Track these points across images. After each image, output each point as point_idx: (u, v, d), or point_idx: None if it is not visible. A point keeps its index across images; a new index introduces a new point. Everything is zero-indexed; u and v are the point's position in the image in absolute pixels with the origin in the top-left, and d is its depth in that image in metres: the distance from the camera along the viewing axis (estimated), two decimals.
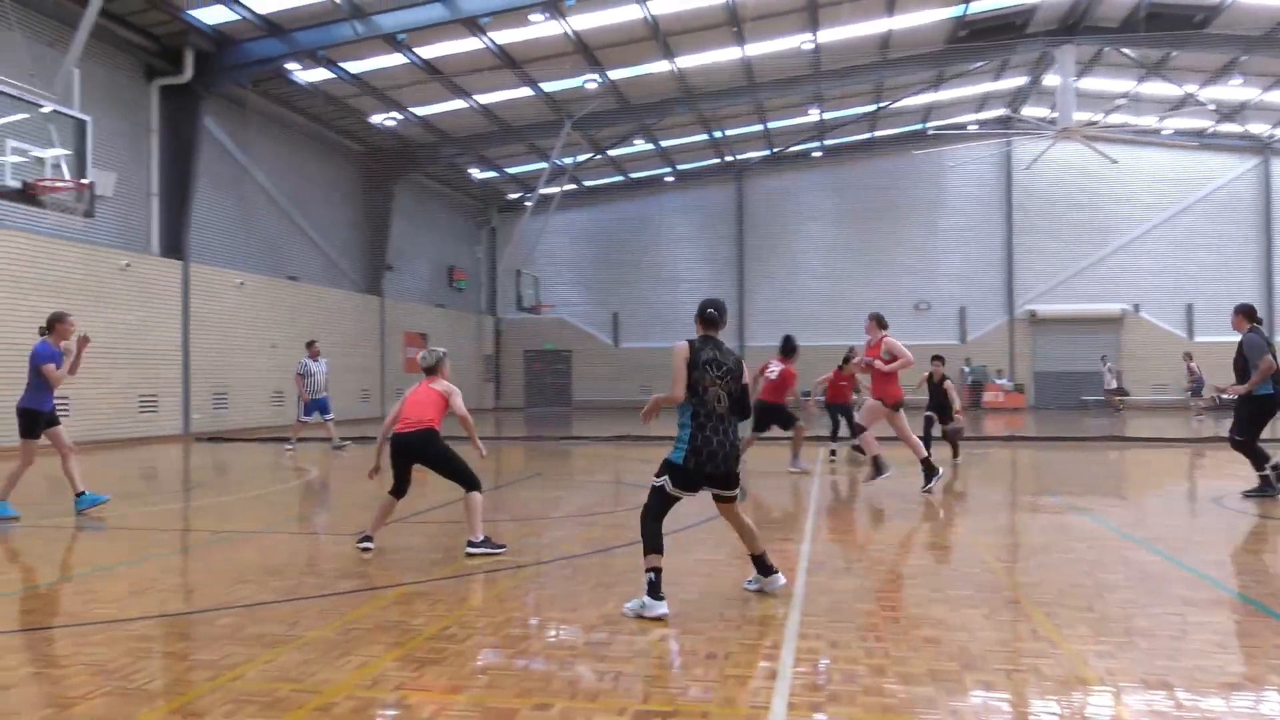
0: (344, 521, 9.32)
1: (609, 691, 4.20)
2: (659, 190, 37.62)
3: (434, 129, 28.54)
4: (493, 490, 11.61)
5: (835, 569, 6.84)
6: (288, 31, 20.62)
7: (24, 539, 8.53)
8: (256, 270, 24.53)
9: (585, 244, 38.03)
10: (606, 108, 27.40)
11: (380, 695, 4.17)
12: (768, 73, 26.26)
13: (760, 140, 33.94)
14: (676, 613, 5.52)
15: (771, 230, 36.60)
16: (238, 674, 4.44)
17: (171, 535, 8.85)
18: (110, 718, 3.89)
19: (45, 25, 17.24)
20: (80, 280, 18.57)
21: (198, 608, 5.88)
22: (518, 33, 21.82)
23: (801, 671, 4.47)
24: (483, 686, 4.29)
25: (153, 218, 21.16)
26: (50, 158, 12.55)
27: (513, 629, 5.26)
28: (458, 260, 36.87)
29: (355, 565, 7.02)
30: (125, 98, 20.31)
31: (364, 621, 5.40)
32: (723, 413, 5.52)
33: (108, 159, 18.61)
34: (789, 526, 8.77)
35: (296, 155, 26.58)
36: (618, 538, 8.15)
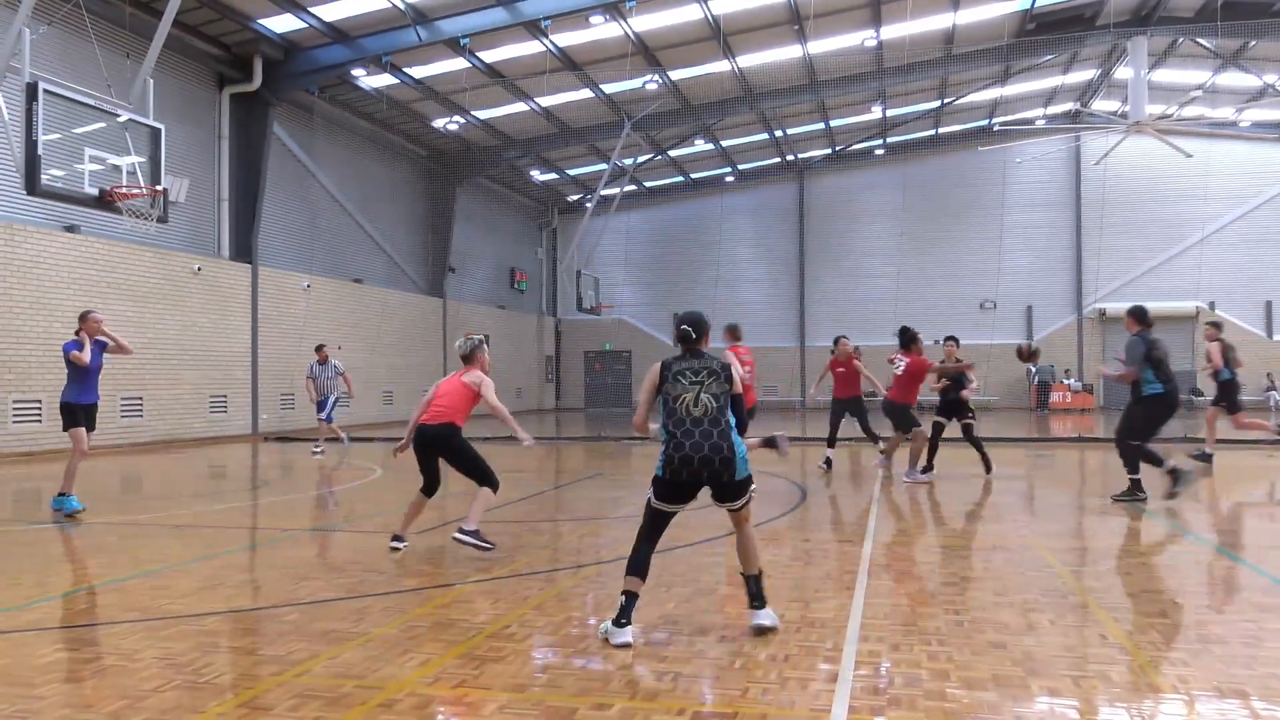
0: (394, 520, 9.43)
1: (668, 692, 4.19)
2: (719, 190, 37.50)
3: (496, 132, 28.81)
4: (553, 490, 11.69)
5: (897, 571, 6.75)
6: (353, 38, 20.98)
7: (96, 534, 8.78)
8: (322, 273, 25.00)
9: (645, 245, 38.07)
10: (667, 108, 27.39)
11: (441, 692, 4.21)
12: (830, 70, 26.04)
13: (822, 139, 33.65)
14: (738, 614, 5.49)
15: (833, 229, 36.29)
16: (303, 669, 4.52)
17: (239, 533, 9.05)
18: (181, 710, 3.98)
19: (121, 37, 17.75)
20: (154, 284, 19.13)
21: (264, 604, 6.00)
22: (578, 35, 21.92)
23: (862, 675, 4.41)
24: (542, 685, 4.32)
25: (223, 222, 21.70)
26: (126, 165, 12.90)
27: (572, 628, 5.28)
28: (519, 262, 37.16)
29: (416, 564, 7.10)
30: (197, 106, 20.85)
31: (425, 619, 5.46)
32: (699, 416, 5.07)
33: (180, 166, 19.11)
34: (849, 528, 8.68)
35: (361, 159, 27.03)
36: (677, 538, 8.12)
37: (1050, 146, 32.50)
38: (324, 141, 25.20)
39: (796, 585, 6.23)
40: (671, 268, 37.77)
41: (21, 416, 16.33)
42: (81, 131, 12.54)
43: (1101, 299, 33.77)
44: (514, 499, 10.86)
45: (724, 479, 5.07)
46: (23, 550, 7.94)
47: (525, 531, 8.78)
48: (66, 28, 16.01)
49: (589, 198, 33.29)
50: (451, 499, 10.95)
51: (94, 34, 15.42)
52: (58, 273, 17.16)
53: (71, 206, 14.46)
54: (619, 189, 32.19)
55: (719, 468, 5.02)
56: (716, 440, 5.05)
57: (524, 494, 11.37)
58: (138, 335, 17.94)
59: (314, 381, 17.70)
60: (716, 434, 5.06)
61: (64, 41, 16.25)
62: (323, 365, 17.75)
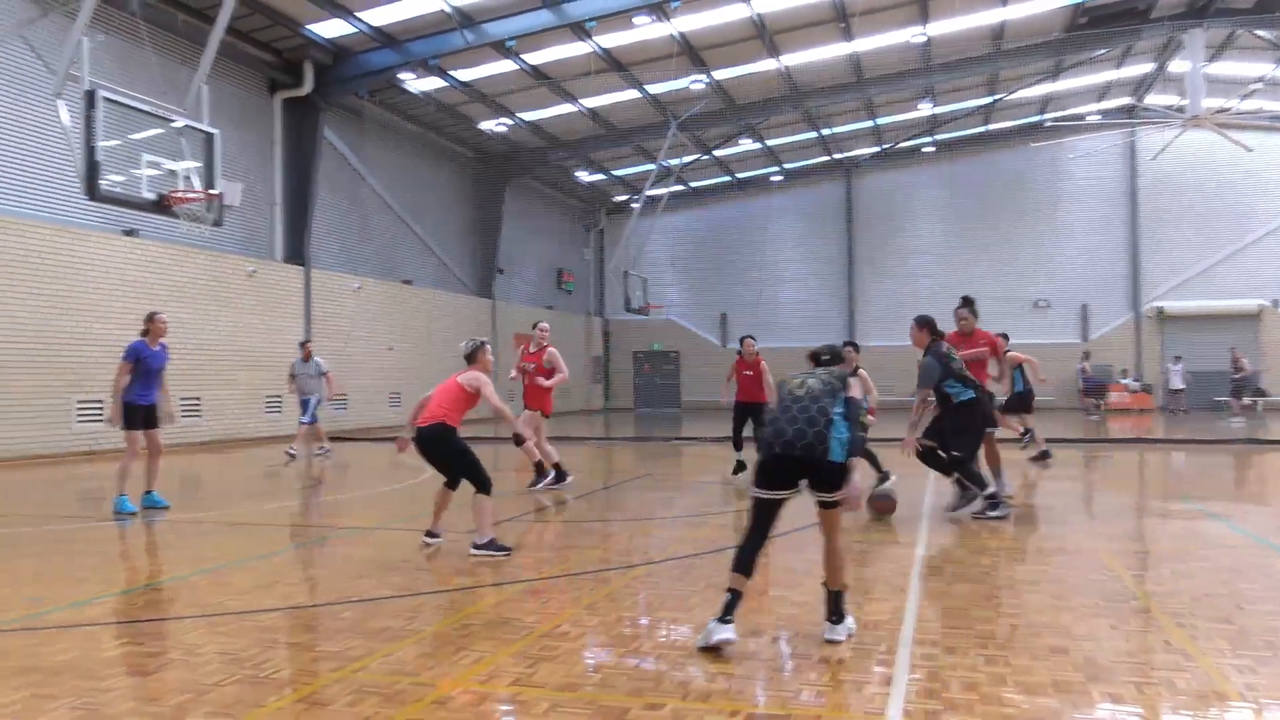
0: (456, 519, 9.51)
1: (721, 693, 4.18)
2: (766, 190, 37.34)
3: (542, 133, 28.95)
4: (602, 490, 11.71)
5: (952, 573, 6.66)
6: (401, 42, 21.20)
7: (157, 532, 8.96)
8: (373, 274, 25.31)
9: (692, 244, 38.04)
10: (712, 108, 27.34)
11: (495, 690, 4.24)
12: (877, 68, 25.80)
13: (869, 137, 33.36)
14: (789, 614, 5.46)
15: (882, 228, 35.97)
16: (359, 666, 4.57)
17: (295, 531, 9.17)
18: (242, 704, 4.05)
19: (176, 45, 18.13)
20: (209, 286, 19.50)
21: (320, 601, 6.08)
22: (623, 35, 21.95)
23: (917, 678, 4.36)
24: (595, 685, 4.32)
25: (276, 225, 22.07)
26: (182, 170, 13.12)
27: (624, 628, 5.28)
28: (566, 262, 37.31)
29: (468, 563, 7.15)
30: (250, 111, 21.22)
31: (478, 618, 5.50)
32: (800, 395, 5.00)
33: (235, 170, 19.45)
34: (902, 528, 8.58)
35: (410, 162, 27.32)
36: (729, 539, 8.10)
37: (1104, 142, 31.96)
38: (374, 145, 25.51)
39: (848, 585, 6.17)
40: (718, 267, 37.69)
41: (85, 416, 16.73)
42: (139, 137, 12.78)
43: (1159, 297, 33.10)
44: (565, 499, 10.89)
45: (815, 454, 4.86)
46: (87, 547, 8.13)
47: (576, 532, 8.80)
48: (123, 36, 16.37)
49: (635, 198, 33.32)
50: (504, 499, 11.02)
51: (150, 42, 15.77)
52: (117, 276, 17.57)
53: (130, 211, 14.79)
54: (665, 189, 32.18)
55: (811, 440, 4.86)
56: (813, 414, 4.92)
57: (574, 494, 11.40)
58: (194, 337, 18.30)
59: (294, 379, 16.83)
60: (815, 409, 4.94)
61: (121, 49, 16.60)
62: (305, 363, 16.79)
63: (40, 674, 4.44)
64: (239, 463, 16.43)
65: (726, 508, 10.26)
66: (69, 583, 6.56)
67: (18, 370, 15.80)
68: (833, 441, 4.88)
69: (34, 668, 4.54)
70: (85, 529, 9.14)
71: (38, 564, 7.22)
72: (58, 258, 16.52)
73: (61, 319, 16.50)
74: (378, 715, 3.91)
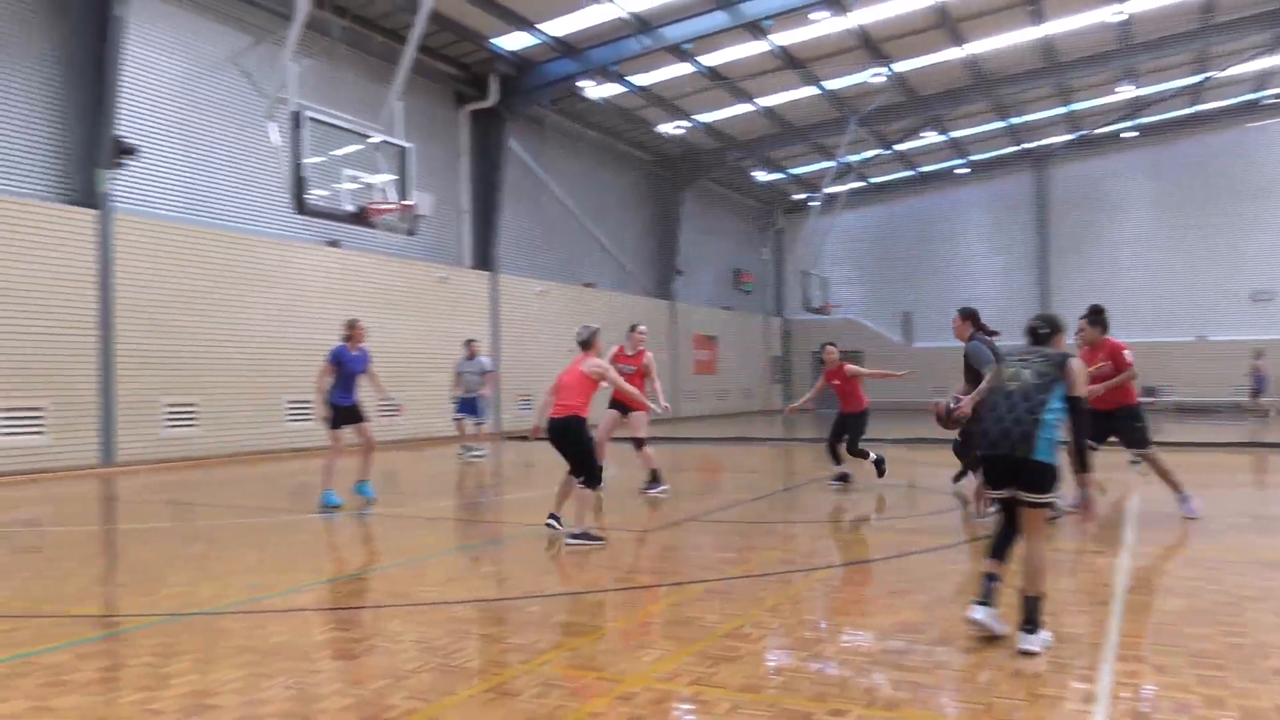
0: (639, 518, 9.64)
1: (907, 702, 4.06)
2: (951, 183, 36.08)
3: (719, 134, 28.99)
4: (783, 492, 11.61)
5: (1160, 587, 6.23)
6: (581, 51, 21.71)
7: (360, 526, 9.50)
8: (555, 278, 26.03)
9: (873, 242, 37.19)
10: (893, 101, 26.65)
11: (677, 689, 4.26)
12: (1071, 50, 24.45)
13: (1063, 124, 31.68)
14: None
15: (1078, 220, 34.07)
16: (546, 659, 4.69)
17: (484, 527, 9.53)
18: (436, 691, 4.23)
19: (371, 65, 19.20)
20: (403, 293, 20.58)
21: (509, 595, 6.29)
22: (800, 32, 21.71)
23: (1123, 697, 4.09)
24: (777, 687, 4.28)
25: (464, 233, 23.06)
26: (379, 183, 13.89)
27: (806, 631, 5.21)
28: (744, 263, 37.24)
29: (650, 561, 7.24)
30: (439, 124, 22.24)
31: (660, 616, 5.55)
32: (1012, 390, 4.95)
33: (426, 181, 20.35)
34: (1102, 538, 8.10)
35: (590, 167, 27.94)
36: (913, 543, 7.87)
37: None
38: (555, 152, 26.23)
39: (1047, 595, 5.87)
40: (900, 265, 36.70)
41: (294, 415, 17.97)
42: (340, 154, 13.61)
43: None
44: (745, 499, 10.87)
45: (1018, 454, 4.81)
46: (297, 538, 8.71)
47: (757, 532, 8.76)
48: (325, 59, 17.45)
49: (814, 196, 32.89)
50: (685, 499, 11.09)
51: (349, 63, 16.75)
52: (322, 283, 18.79)
53: (333, 223, 15.77)
54: (844, 186, 31.62)
55: (1016, 440, 4.83)
56: (1021, 414, 4.88)
57: (755, 495, 11.36)
58: (389, 340, 19.29)
59: (459, 378, 16.72)
60: (1024, 408, 4.89)
61: (323, 72, 17.71)
62: (469, 361, 16.65)
63: (257, 654, 4.79)
64: (431, 460, 17.20)
65: (911, 512, 9.97)
66: (282, 571, 7.05)
67: (241, 372, 17.12)
68: (1040, 440, 4.81)
69: (252, 648, 4.90)
70: (295, 521, 9.80)
71: (255, 553, 7.78)
72: (272, 268, 17.81)
73: (274, 324, 17.77)
74: (563, 708, 4.00)
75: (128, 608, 5.95)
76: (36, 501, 11.57)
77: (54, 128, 14.80)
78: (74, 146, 14.92)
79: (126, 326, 15.26)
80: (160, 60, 16.19)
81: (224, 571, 7.01)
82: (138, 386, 15.41)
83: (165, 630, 5.32)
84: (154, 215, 15.96)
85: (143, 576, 6.90)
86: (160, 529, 9.40)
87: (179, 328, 16.10)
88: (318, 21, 15.29)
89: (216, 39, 17.11)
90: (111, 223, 15.08)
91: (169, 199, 16.37)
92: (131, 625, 5.48)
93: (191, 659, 4.72)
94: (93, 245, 14.85)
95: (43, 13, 14.67)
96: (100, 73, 14.71)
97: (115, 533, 9.15)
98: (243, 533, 8.87)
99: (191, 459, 16.13)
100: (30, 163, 14.50)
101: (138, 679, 4.42)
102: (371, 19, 18.92)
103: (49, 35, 14.73)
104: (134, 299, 15.40)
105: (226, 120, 17.22)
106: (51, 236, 14.36)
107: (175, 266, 16.07)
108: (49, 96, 14.73)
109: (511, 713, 3.94)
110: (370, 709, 4.00)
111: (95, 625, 5.51)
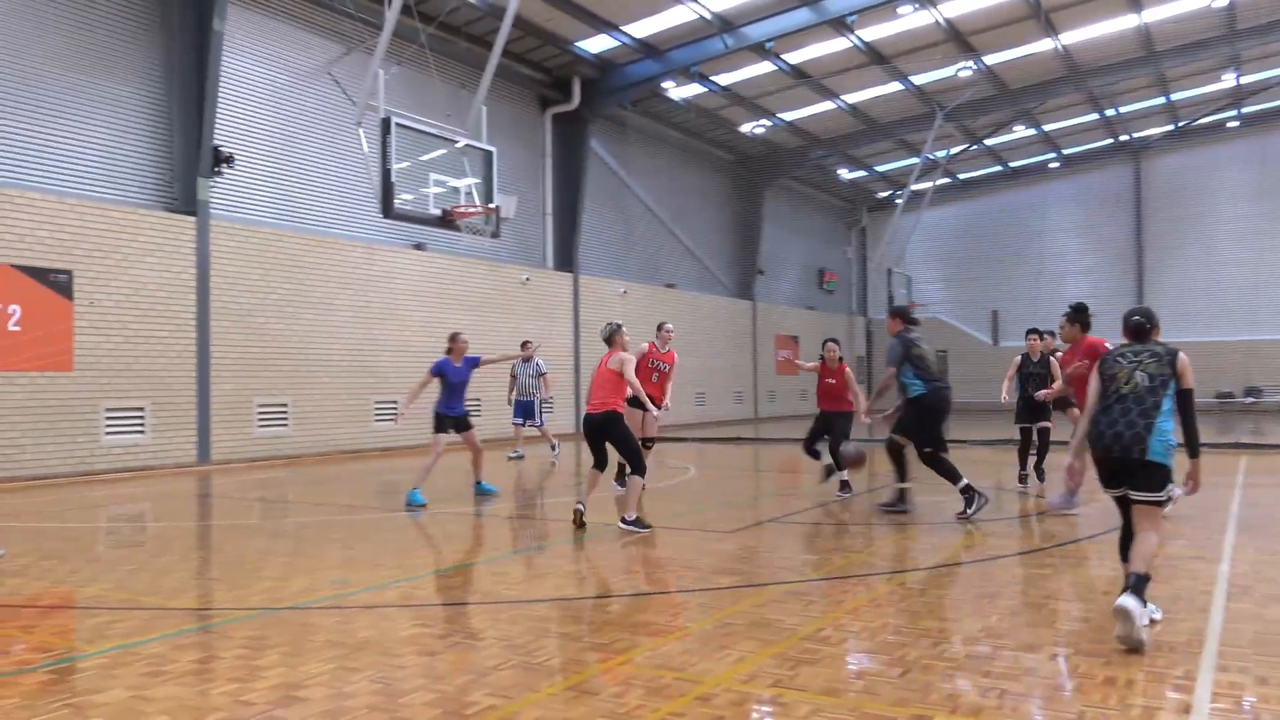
0: (719, 519, 9.61)
1: (993, 709, 3.96)
2: (1042, 178, 35.16)
3: (802, 132, 28.73)
4: (865, 494, 11.45)
5: (1264, 594, 5.96)
6: (663, 52, 21.74)
7: (444, 524, 9.65)
8: (637, 279, 26.11)
9: (960, 239, 36.45)
10: (982, 95, 26.08)
11: (757, 690, 4.23)
12: (1171, 38, 23.60)
13: (1162, 115, 30.62)
14: (1069, 630, 5.11)
15: (1177, 214, 32.88)
16: (625, 658, 4.70)
17: (565, 526, 9.59)
18: (518, 688, 4.28)
19: (457, 70, 19.53)
20: (488, 294, 20.89)
21: (588, 594, 6.32)
22: (885, 27, 21.40)
23: (1221, 708, 3.93)
24: (858, 691, 4.22)
25: (547, 235, 23.29)
26: (464, 187, 14.13)
27: (888, 635, 5.13)
28: (827, 262, 36.85)
29: (731, 562, 7.20)
30: (523, 127, 22.50)
31: (740, 617, 5.51)
32: (1125, 393, 5.07)
33: (510, 184, 20.68)
34: (1203, 543, 7.79)
35: (672, 168, 27.95)
36: (1001, 547, 7.69)
37: None
38: (637, 153, 26.32)
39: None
40: (989, 262, 35.91)
41: (382, 415, 18.36)
42: (426, 158, 13.87)
43: None
44: (827, 501, 10.75)
45: (1133, 455, 4.95)
46: (383, 536, 8.89)
47: (840, 534, 8.66)
48: (413, 66, 17.80)
49: (899, 193, 32.39)
50: (766, 500, 11.02)
51: (435, 69, 17.06)
52: (408, 286, 19.17)
53: (418, 226, 16.09)
54: (931, 183, 31.07)
55: (1128, 442, 4.96)
56: (1134, 417, 5.00)
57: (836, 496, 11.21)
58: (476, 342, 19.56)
59: (515, 380, 16.48)
60: (1136, 412, 5.01)
61: (411, 78, 18.07)
62: (525, 364, 16.23)
63: (345, 649, 4.90)
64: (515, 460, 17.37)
65: (999, 515, 9.74)
66: (369, 567, 7.20)
67: (330, 373, 17.57)
68: (1152, 443, 4.93)
69: (340, 643, 5.01)
70: (382, 519, 10.00)
71: (343, 550, 7.97)
72: (360, 271, 18.23)
73: (361, 326, 18.18)
74: (643, 707, 4.00)
75: (222, 601, 6.15)
76: (138, 498, 12.03)
77: (158, 138, 15.39)
78: (176, 156, 15.50)
79: (221, 329, 15.79)
80: (256, 71, 16.73)
81: (313, 567, 7.20)
82: (231, 387, 15.93)
83: (257, 624, 5.49)
84: (248, 221, 16.49)
85: (236, 571, 7.12)
86: (252, 526, 9.70)
87: (270, 330, 16.60)
88: (405, 30, 15.62)
89: (309, 49, 17.60)
90: (209, 229, 15.63)
91: (262, 205, 16.89)
92: (225, 619, 5.67)
93: (281, 652, 4.86)
94: (192, 251, 15.41)
95: (148, 30, 15.27)
96: (200, 85, 15.26)
97: (210, 529, 9.47)
98: (331, 530, 9.10)
99: (282, 458, 16.61)
100: (136, 172, 15.11)
101: (230, 670, 4.57)
102: (457, 26, 19.25)
103: (153, 51, 15.33)
104: (228, 302, 15.93)
105: (317, 128, 17.70)
106: (155, 243, 14.94)
107: (267, 270, 16.58)
108: (153, 109, 15.33)
109: (591, 711, 3.96)
110: (452, 704, 4.06)
111: (191, 618, 5.71)
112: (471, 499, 11.16)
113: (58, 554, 7.75)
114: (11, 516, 10.13)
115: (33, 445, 13.47)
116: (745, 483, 13.88)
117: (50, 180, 13.99)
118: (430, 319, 19.34)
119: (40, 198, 13.61)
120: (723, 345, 29.51)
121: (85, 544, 6.68)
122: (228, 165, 15.72)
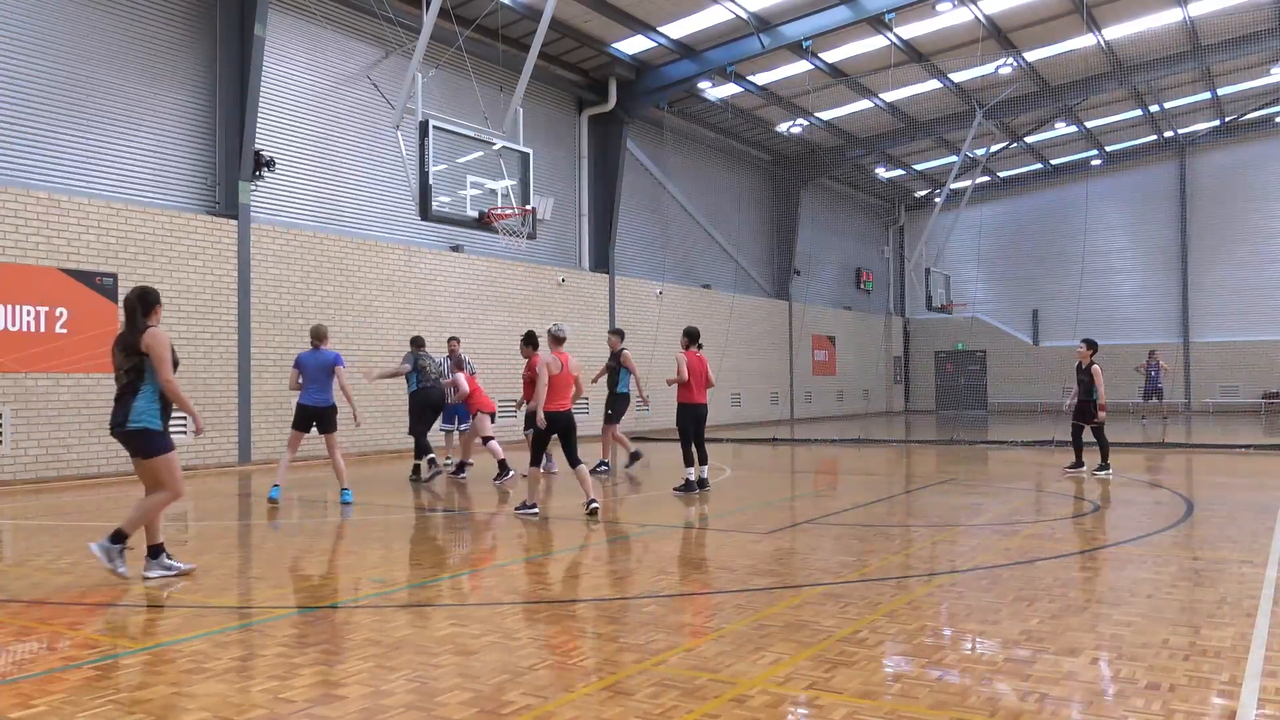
0: (756, 520, 9.57)
1: (1033, 714, 3.91)
2: (1084, 176, 34.66)
3: (839, 132, 28.57)
4: (903, 495, 11.36)
5: None
6: (699, 52, 21.71)
7: (483, 524, 9.70)
8: (673, 280, 26.09)
9: (1000, 238, 36.05)
10: (1023, 92, 25.78)
11: (792, 692, 4.21)
12: (1218, 32, 23.16)
13: (1208, 110, 30.09)
14: (1110, 634, 5.03)
15: (1223, 210, 32.30)
16: (661, 659, 4.70)
17: (600, 526, 9.61)
18: (553, 688, 4.29)
19: (494, 72, 19.62)
20: (525, 295, 20.97)
21: (625, 594, 6.33)
22: (924, 24, 21.22)
23: (1268, 714, 3.86)
24: (895, 694, 4.18)
25: (583, 236, 23.34)
26: (500, 189, 14.20)
27: (926, 637, 5.08)
28: (865, 261, 36.61)
29: (766, 564, 7.17)
30: (559, 129, 22.57)
31: (776, 619, 5.49)
32: None
33: (546, 185, 20.75)
34: (1248, 546, 7.65)
35: (708, 169, 27.91)
36: (1041, 549, 7.60)
37: None
38: (673, 154, 26.30)
39: (1184, 608, 5.58)
40: (1029, 261, 35.50)
41: None
42: (463, 161, 13.95)
43: None
44: (864, 502, 10.68)
45: None
46: (420, 533, 8.96)
47: (876, 536, 8.59)
48: (450, 69, 17.91)
49: (938, 192, 32.11)
50: (803, 502, 10.97)
51: (472, 72, 17.17)
52: (446, 288, 19.30)
53: (456, 228, 16.19)
54: (970, 181, 30.74)
55: None
56: None
57: (875, 497, 11.14)
58: (509, 343, 19.67)
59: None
60: None
61: (448, 81, 18.18)
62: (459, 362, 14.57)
63: (382, 647, 4.94)
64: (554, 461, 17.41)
65: (1040, 516, 9.62)
66: (408, 566, 7.26)
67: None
68: None
69: (377, 641, 5.06)
70: (419, 516, 10.08)
71: (381, 549, 8.04)
72: (397, 273, 18.38)
73: (399, 327, 18.31)
74: (677, 708, 4.00)
75: (262, 599, 6.22)
76: (182, 497, 12.20)
77: (200, 143, 15.62)
78: (218, 160, 15.72)
79: (262, 330, 15.99)
80: (296, 75, 16.93)
81: (352, 566, 7.27)
82: (271, 388, 16.12)
83: (296, 622, 5.55)
84: (287, 224, 16.68)
85: (277, 570, 7.21)
86: (292, 525, 9.81)
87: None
88: (443, 33, 15.73)
89: (348, 53, 17.78)
90: (250, 232, 15.84)
91: (302, 208, 17.08)
92: (266, 616, 5.74)
93: (320, 650, 4.91)
94: (234, 254, 15.62)
95: (192, 38, 15.49)
96: (242, 90, 15.47)
97: (251, 528, 9.59)
98: (369, 529, 9.18)
99: (321, 458, 16.75)
100: (180, 177, 15.34)
101: (270, 668, 4.62)
102: (494, 28, 19.35)
103: (197, 58, 15.56)
104: (269, 304, 16.13)
105: (357, 131, 17.87)
106: (198, 246, 15.16)
107: (307, 272, 16.77)
108: (196, 114, 15.56)
109: (626, 712, 3.96)
110: (489, 704, 4.08)
111: (233, 616, 5.79)
112: (505, 501, 11.20)
113: None
114: (59, 515, 10.34)
115: (79, 445, 13.73)
116: (782, 484, 13.83)
117: (96, 185, 14.24)
118: (469, 320, 19.47)
119: (87, 202, 13.87)
120: (759, 346, 29.42)
121: (129, 543, 6.81)
122: (269, 169, 15.94)
